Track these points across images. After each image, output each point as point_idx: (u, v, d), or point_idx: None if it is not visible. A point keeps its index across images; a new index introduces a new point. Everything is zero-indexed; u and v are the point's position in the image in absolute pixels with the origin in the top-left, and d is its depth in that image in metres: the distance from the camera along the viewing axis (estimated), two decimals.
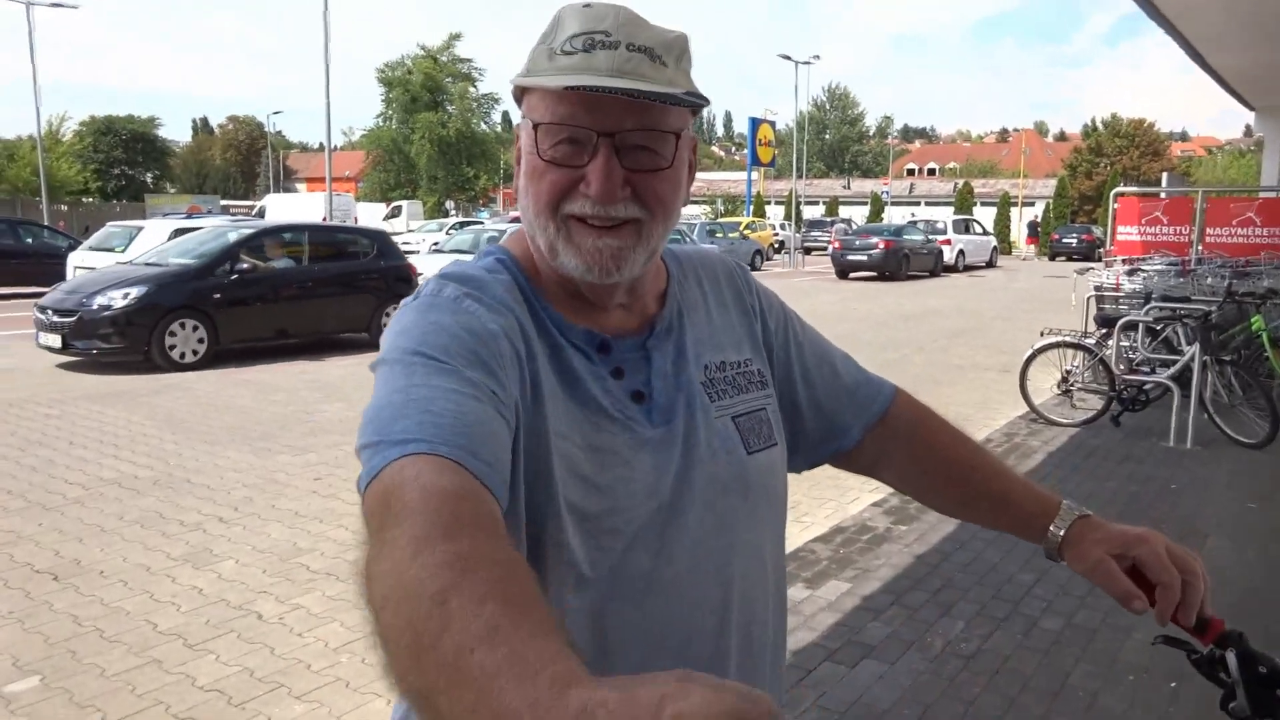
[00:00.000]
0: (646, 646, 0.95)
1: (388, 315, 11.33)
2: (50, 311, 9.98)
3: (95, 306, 9.82)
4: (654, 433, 0.98)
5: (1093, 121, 67.64)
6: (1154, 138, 58.29)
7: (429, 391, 0.80)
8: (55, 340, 9.84)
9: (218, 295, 10.45)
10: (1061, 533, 1.09)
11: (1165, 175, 13.36)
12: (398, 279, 12.04)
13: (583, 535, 0.91)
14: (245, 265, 10.89)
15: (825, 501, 5.43)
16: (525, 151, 0.95)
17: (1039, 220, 44.01)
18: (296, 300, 11.08)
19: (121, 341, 9.83)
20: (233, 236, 11.25)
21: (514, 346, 0.90)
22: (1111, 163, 53.47)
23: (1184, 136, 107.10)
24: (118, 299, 9.88)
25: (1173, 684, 3.26)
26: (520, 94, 0.97)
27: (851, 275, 25.97)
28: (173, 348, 10.09)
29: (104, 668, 3.45)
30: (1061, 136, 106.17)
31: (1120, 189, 11.62)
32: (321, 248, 11.81)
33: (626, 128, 0.90)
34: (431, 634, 0.56)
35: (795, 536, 4.92)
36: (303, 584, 4.26)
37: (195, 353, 10.26)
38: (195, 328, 10.27)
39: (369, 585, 0.63)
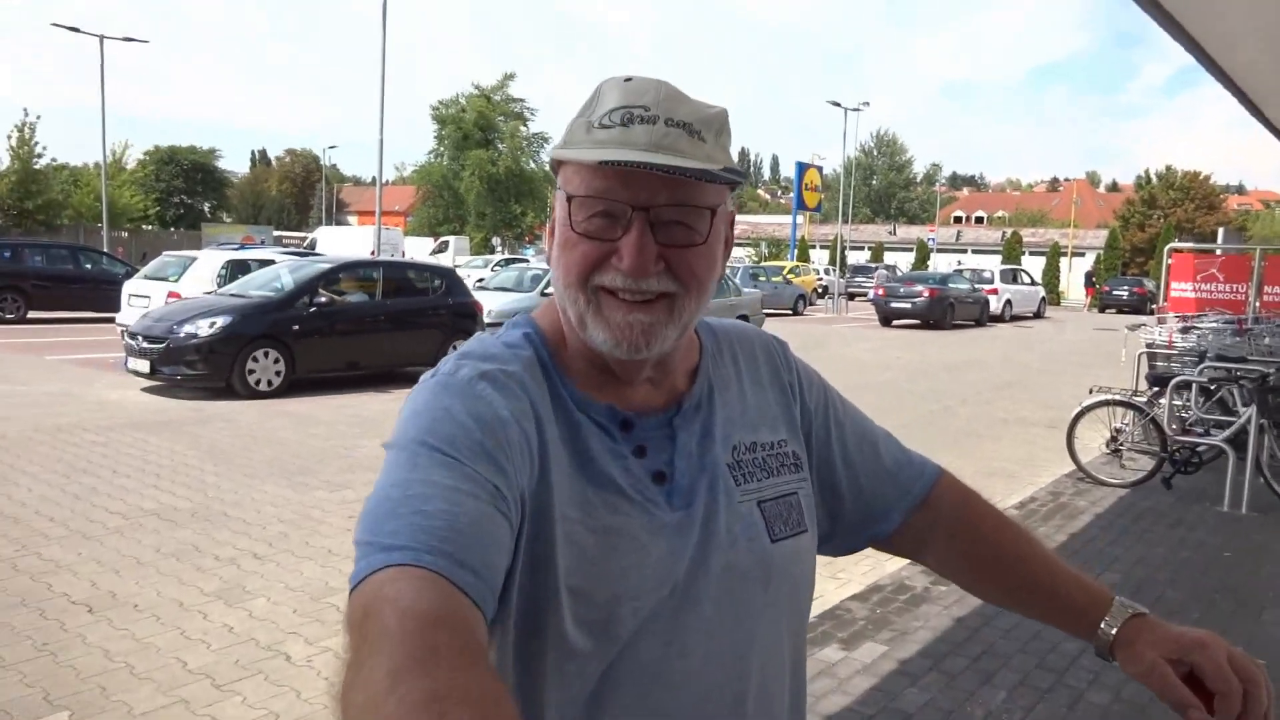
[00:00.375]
0: None
1: (453, 348, 11.53)
2: (140, 338, 10.49)
3: (182, 334, 10.30)
4: (673, 516, 0.94)
5: (1146, 173, 66.83)
6: (1209, 190, 57.35)
7: (425, 489, 0.78)
8: (144, 365, 10.37)
9: (296, 327, 10.91)
10: (1114, 631, 1.04)
11: (1221, 230, 13.10)
12: (464, 315, 12.41)
13: (587, 622, 0.88)
14: (323, 299, 11.36)
15: (863, 558, 5.31)
16: (559, 223, 0.94)
17: (1096, 269, 43.38)
18: (368, 333, 11.52)
19: (206, 368, 10.29)
20: (312, 271, 11.74)
21: (524, 431, 0.87)
22: (1165, 215, 52.63)
23: (1240, 190, 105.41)
24: (204, 328, 10.36)
25: None
26: (557, 165, 0.95)
27: (895, 322, 25.74)
28: (253, 374, 10.52)
29: (132, 706, 3.45)
30: (1114, 187, 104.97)
31: (1175, 244, 11.41)
32: (394, 283, 12.27)
33: (660, 202, 0.88)
34: None
35: (831, 594, 4.81)
36: (332, 625, 4.24)
37: (271, 382, 10.66)
38: (275, 358, 10.72)
39: (344, 712, 0.62)
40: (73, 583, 4.66)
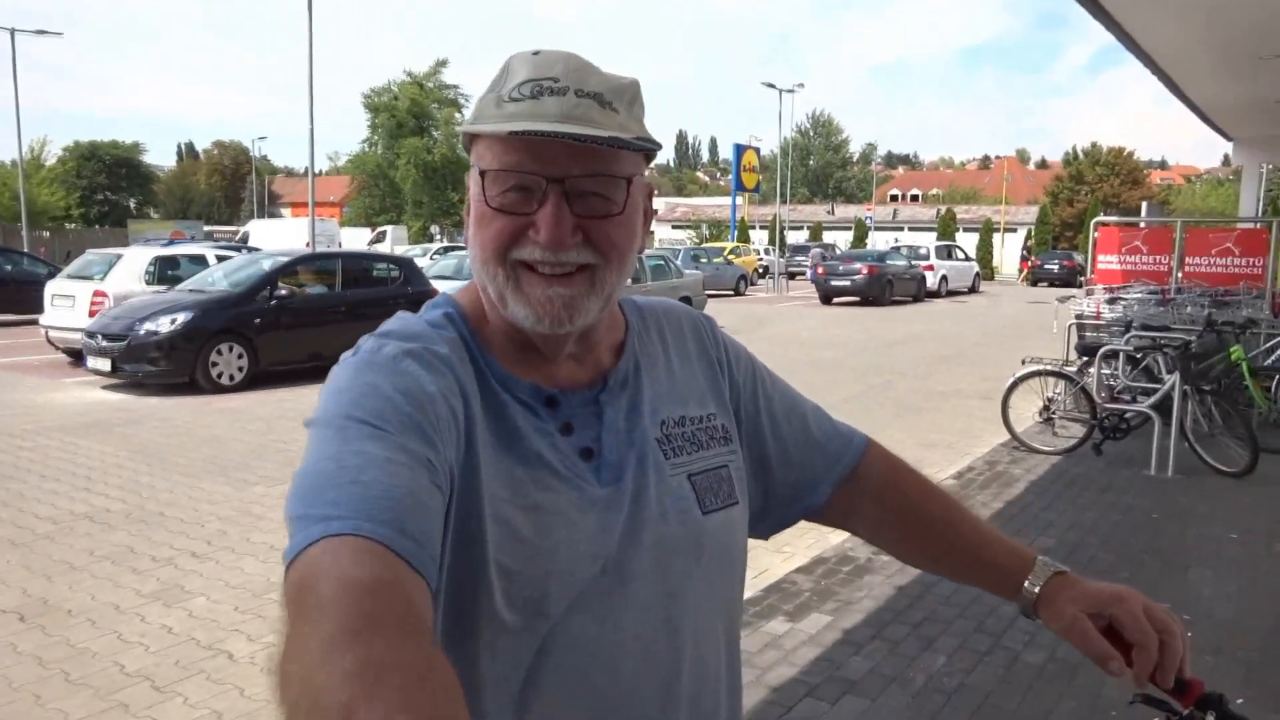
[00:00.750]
0: (591, 714, 0.91)
1: None
2: (99, 336, 10.43)
3: (143, 332, 10.26)
4: (602, 492, 0.94)
5: (1074, 150, 68.25)
6: (1133, 166, 59.01)
7: (359, 459, 0.76)
8: (105, 364, 10.34)
9: (258, 320, 10.89)
10: (1036, 589, 1.06)
11: (1145, 204, 13.50)
12: (423, 303, 12.21)
13: (518, 600, 0.88)
14: (283, 291, 11.34)
15: (806, 531, 5.38)
16: (474, 199, 0.93)
17: (1031, 242, 44.27)
18: (329, 324, 11.39)
19: (169, 364, 10.28)
20: (270, 264, 11.72)
21: (451, 407, 0.86)
22: (1092, 190, 54.02)
23: (1163, 165, 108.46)
24: (165, 324, 10.34)
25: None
26: (470, 142, 0.95)
27: (835, 300, 26.08)
28: (216, 368, 10.51)
29: (68, 713, 3.37)
30: (1043, 164, 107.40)
31: (1100, 218, 11.72)
32: (353, 274, 12.29)
33: (575, 173, 0.88)
34: None
35: (776, 567, 4.88)
36: (274, 620, 4.17)
37: (234, 376, 10.63)
38: (239, 352, 10.70)
39: (280, 684, 0.60)
40: (2, 591, 4.52)
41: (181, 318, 10.41)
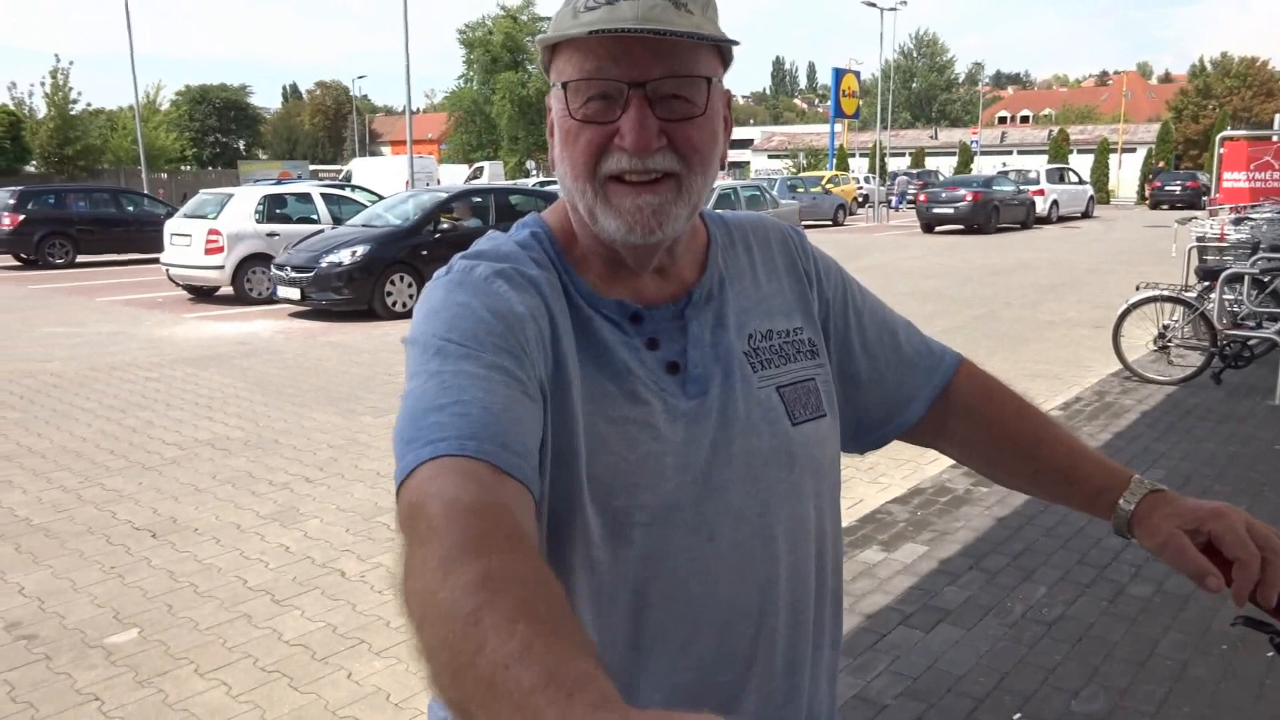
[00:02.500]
0: (688, 626, 0.94)
1: None
2: (289, 268, 11.42)
3: (326, 264, 11.15)
4: (689, 404, 0.95)
5: (1200, 61, 63.90)
6: (1268, 76, 54.82)
7: (459, 380, 0.80)
8: (295, 293, 11.37)
9: (424, 252, 11.67)
10: (1131, 507, 1.03)
11: (1278, 117, 12.55)
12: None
13: (612, 512, 0.90)
14: (446, 225, 12.15)
15: (903, 462, 5.32)
16: (558, 118, 0.93)
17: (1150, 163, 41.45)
18: None
19: (350, 293, 11.17)
20: (432, 199, 12.59)
21: (539, 327, 0.89)
22: (1220, 105, 50.52)
23: None
24: (346, 256, 11.22)
25: (1269, 654, 3.11)
26: (549, 61, 0.95)
27: (937, 229, 25.26)
28: (390, 297, 11.41)
29: (197, 621, 3.61)
30: (1166, 78, 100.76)
31: (1227, 132, 10.98)
32: (504, 209, 12.84)
33: (655, 75, 0.88)
34: (467, 653, 0.57)
35: (871, 498, 4.85)
36: (383, 543, 4.38)
37: (406, 304, 11.40)
38: (409, 282, 11.49)
39: (405, 602, 0.65)
40: (135, 510, 4.84)
41: (361, 250, 11.26)
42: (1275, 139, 10.44)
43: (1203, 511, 0.97)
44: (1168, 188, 35.76)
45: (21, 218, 17.71)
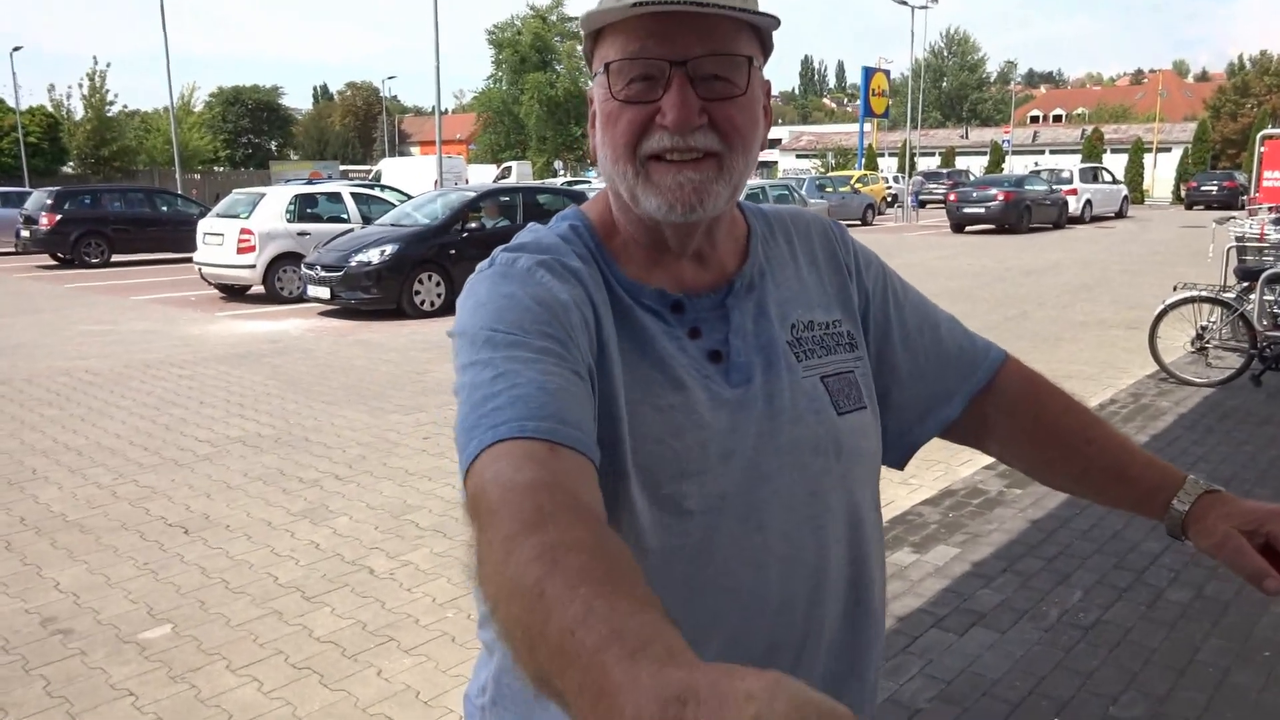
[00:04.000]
0: (739, 616, 0.93)
1: None
2: (319, 268, 11.46)
3: (355, 263, 11.19)
4: (732, 393, 0.95)
5: (1239, 59, 62.96)
6: None
7: (511, 364, 0.81)
8: (324, 292, 11.38)
9: (453, 251, 11.72)
10: (1186, 508, 1.00)
11: None
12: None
13: (659, 500, 0.90)
14: (474, 225, 12.24)
15: (934, 464, 5.26)
16: (600, 102, 0.94)
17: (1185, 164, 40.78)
18: None
19: (379, 292, 11.21)
20: (460, 199, 12.60)
21: (583, 315, 0.89)
22: (1260, 103, 49.63)
23: None
24: (375, 255, 11.24)
25: None
26: (592, 50, 0.95)
27: (968, 229, 25.01)
28: (419, 296, 11.45)
29: (229, 617, 3.64)
30: (1204, 76, 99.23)
31: (1268, 130, 10.78)
32: (531, 208, 12.83)
33: (697, 54, 0.88)
34: (537, 625, 0.58)
35: (902, 499, 4.79)
36: (412, 540, 4.39)
37: (434, 303, 11.49)
38: (437, 280, 11.58)
39: (481, 588, 0.66)
40: (168, 507, 4.89)
41: (389, 249, 11.27)
42: None
43: (1261, 512, 0.95)
44: (1204, 188, 35.19)
45: (59, 217, 17.98)
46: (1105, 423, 1.14)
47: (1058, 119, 75.95)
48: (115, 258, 18.48)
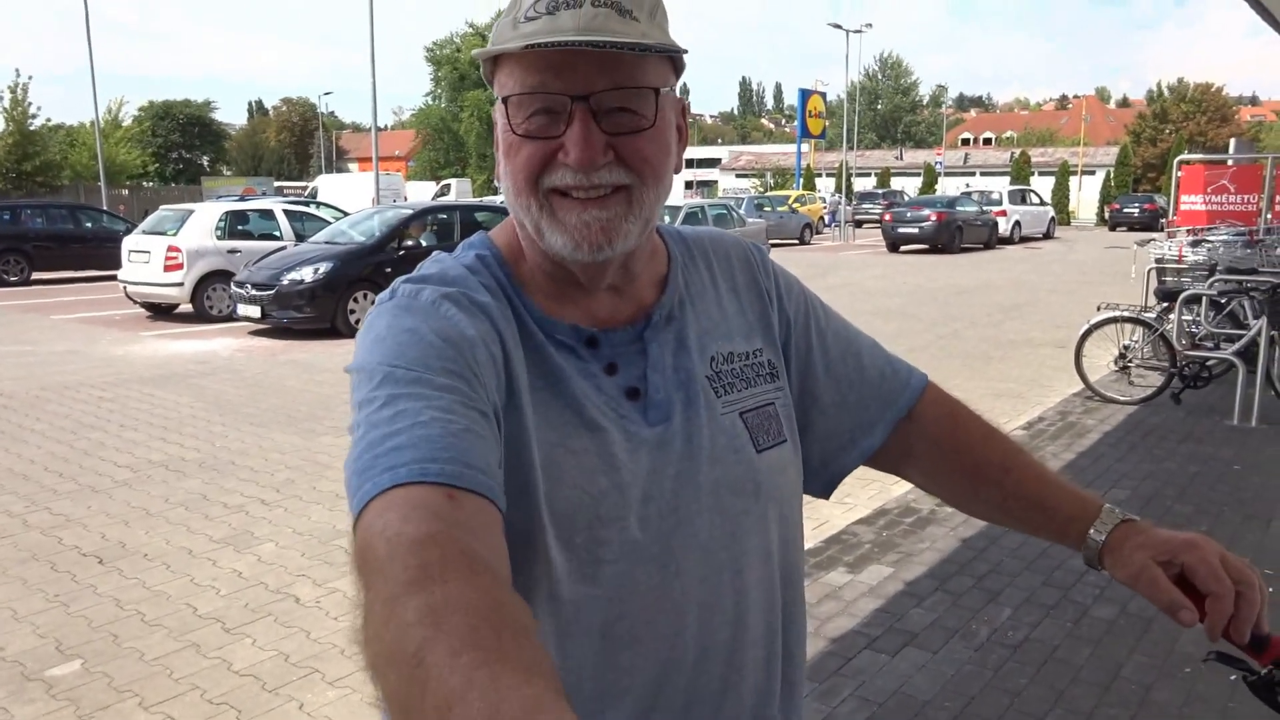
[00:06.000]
0: (657, 666, 0.89)
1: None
2: (249, 286, 11.18)
3: (288, 281, 10.96)
4: (651, 432, 0.91)
5: (1158, 86, 65.35)
6: (1222, 102, 56.12)
7: (411, 403, 0.76)
8: (255, 311, 11.13)
9: (389, 269, 11.44)
10: (1102, 537, 1.00)
11: (1233, 141, 12.81)
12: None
13: (574, 548, 0.85)
14: (410, 242, 12.05)
15: (869, 482, 5.30)
16: (500, 132, 0.89)
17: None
18: None
19: (312, 311, 10.99)
20: (396, 216, 12.48)
21: (491, 353, 0.84)
22: (1177, 129, 51.62)
23: (1254, 101, 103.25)
24: (308, 274, 11.03)
25: (1233, 677, 3.10)
26: (491, 73, 0.90)
27: (903, 248, 25.50)
28: (353, 315, 11.23)
29: (143, 652, 3.49)
30: (1125, 103, 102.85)
31: (1185, 156, 11.19)
32: (470, 226, 12.74)
33: (600, 88, 0.83)
34: (415, 698, 0.53)
35: (837, 518, 4.82)
36: (340, 566, 4.27)
37: None
38: (372, 300, 10.89)
39: (361, 651, 0.60)
40: (83, 535, 4.69)
41: (323, 268, 11.08)
42: (1230, 163, 10.65)
43: (1176, 543, 0.94)
44: (1126, 210, 36.40)
45: None
46: (1024, 451, 1.13)
47: (988, 142, 78.06)
48: (36, 275, 17.83)
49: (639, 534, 0.88)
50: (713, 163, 62.69)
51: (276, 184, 48.75)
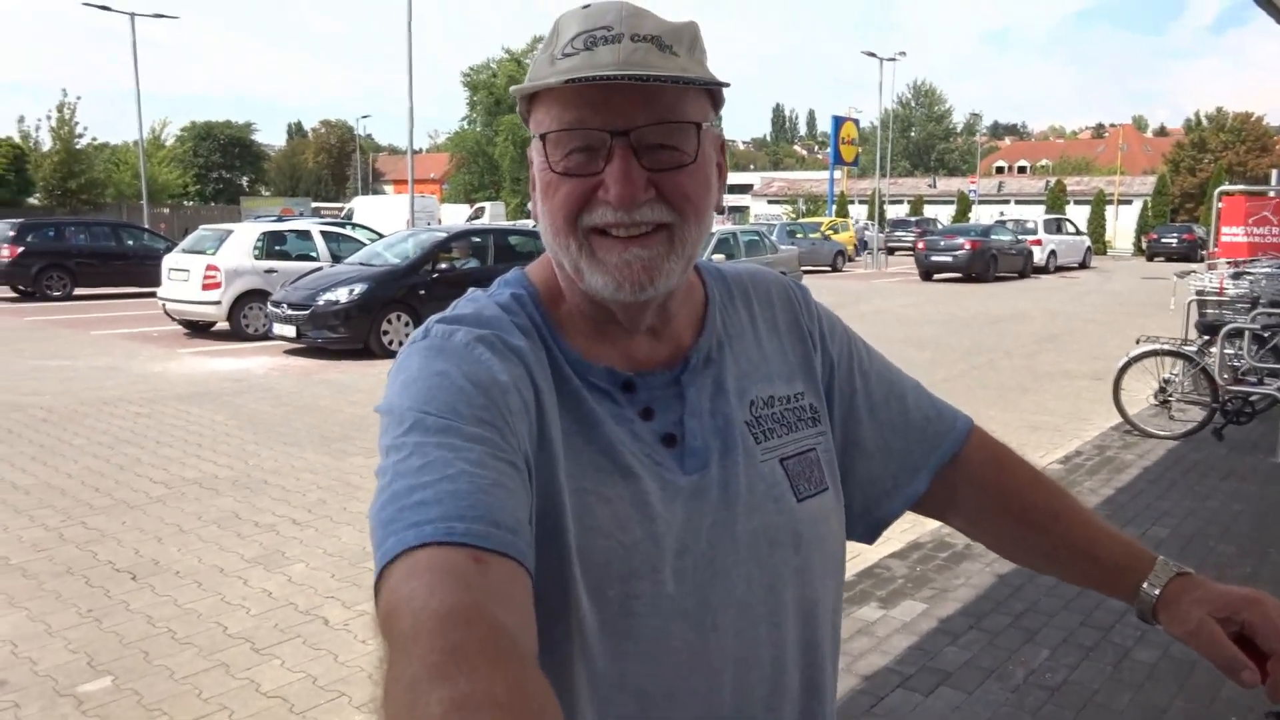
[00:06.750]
0: None
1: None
2: (285, 305, 11.37)
3: (323, 301, 11.11)
4: (687, 481, 0.88)
5: (1196, 115, 64.65)
6: (1262, 132, 55.41)
7: (441, 452, 0.73)
8: (290, 330, 11.30)
9: (422, 291, 11.68)
10: (1157, 591, 0.96)
11: (1275, 173, 12.61)
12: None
13: (605, 599, 0.82)
14: (444, 265, 12.23)
15: (902, 516, 5.22)
16: (538, 170, 0.87)
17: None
18: None
19: (347, 332, 11.14)
20: (431, 239, 12.60)
21: (524, 398, 0.82)
22: (1216, 158, 51.00)
23: None
24: (343, 294, 11.17)
25: None
26: (528, 112, 0.89)
27: (936, 276, 25.32)
28: (386, 336, 11.36)
29: (173, 670, 3.50)
30: (1162, 131, 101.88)
31: (1225, 187, 11.03)
32: (503, 249, 12.91)
33: (640, 123, 0.82)
34: None
35: (869, 553, 4.74)
36: (368, 589, 4.22)
37: (402, 343, 11.18)
38: (406, 321, 11.48)
39: None
40: (117, 550, 4.74)
41: (358, 289, 11.20)
42: (1273, 194, 10.49)
43: (1235, 598, 0.90)
44: (1164, 240, 35.95)
45: (20, 250, 17.71)
46: (1072, 497, 1.10)
47: (1022, 170, 77.58)
48: (78, 291, 18.19)
49: (673, 587, 0.85)
50: (745, 189, 62.79)
51: (314, 205, 49.46)
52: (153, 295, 14.68)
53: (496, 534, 0.68)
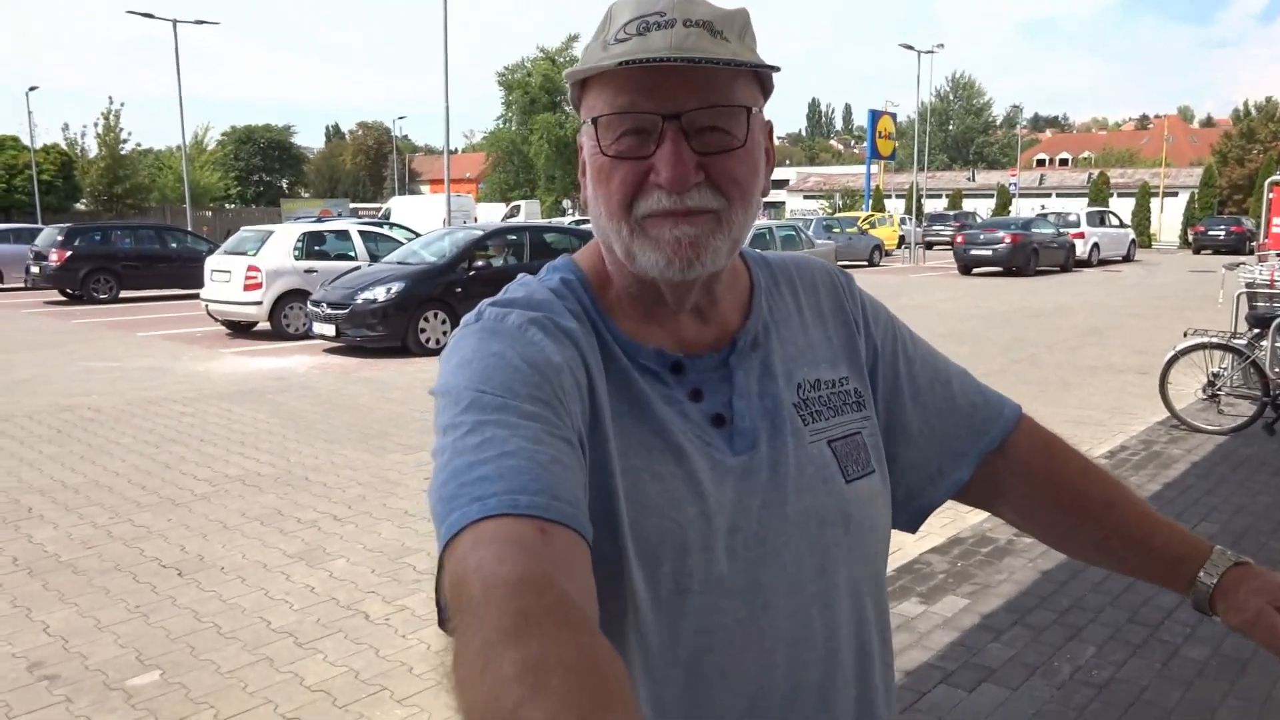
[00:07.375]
0: (746, 702, 0.87)
1: None
2: (324, 305, 11.49)
3: (361, 300, 11.23)
4: (736, 460, 0.89)
5: (1245, 105, 63.31)
6: None
7: (498, 430, 0.75)
8: (330, 329, 11.45)
9: (459, 289, 11.76)
10: (1214, 581, 0.95)
11: None
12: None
13: (659, 577, 0.83)
14: (480, 263, 12.29)
15: (942, 510, 5.15)
16: (589, 155, 0.88)
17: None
18: None
19: (384, 329, 11.23)
20: (468, 237, 12.69)
21: (576, 379, 0.83)
22: (1265, 149, 49.80)
23: None
24: (381, 293, 11.28)
25: None
26: (579, 97, 0.89)
27: (975, 271, 25.01)
28: (424, 334, 11.47)
29: (219, 664, 3.55)
30: (1209, 122, 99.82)
31: (1276, 177, 10.77)
32: (539, 247, 13.01)
33: (691, 106, 0.82)
34: None
35: (910, 547, 4.70)
36: (409, 584, 4.30)
37: (439, 341, 11.46)
38: (443, 319, 11.60)
39: (454, 697, 0.59)
40: (163, 547, 4.82)
41: (396, 287, 11.30)
42: None
43: None
44: (1211, 232, 35.23)
45: (69, 254, 18.09)
46: (1126, 487, 1.07)
47: (1064, 163, 76.35)
48: (124, 294, 18.57)
49: (725, 566, 0.85)
50: (781, 184, 62.47)
51: (352, 205, 50.03)
52: (196, 297, 14.95)
53: (557, 505, 0.70)
